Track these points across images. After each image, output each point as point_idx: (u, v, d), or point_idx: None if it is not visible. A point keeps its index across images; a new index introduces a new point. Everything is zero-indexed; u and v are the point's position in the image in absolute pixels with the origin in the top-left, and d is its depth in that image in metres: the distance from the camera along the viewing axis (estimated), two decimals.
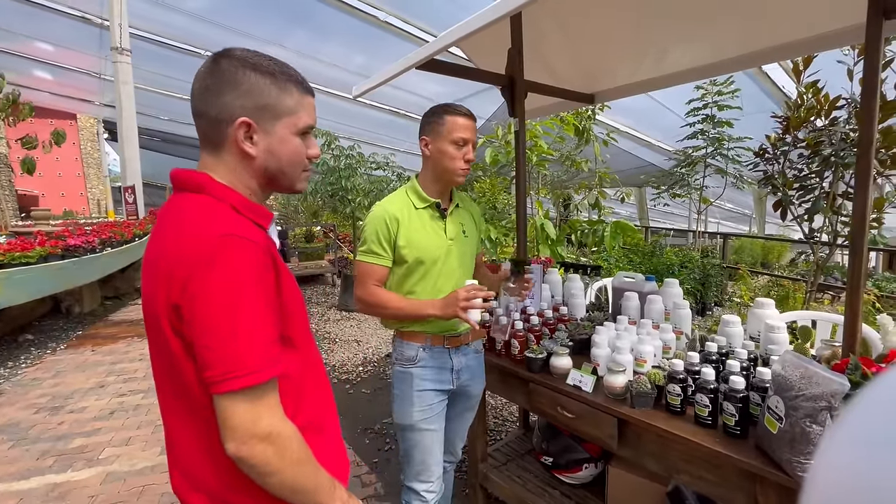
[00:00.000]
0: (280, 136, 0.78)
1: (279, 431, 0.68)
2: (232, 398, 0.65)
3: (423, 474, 1.51)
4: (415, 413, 1.47)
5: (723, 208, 9.84)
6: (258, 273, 0.69)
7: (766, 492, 1.08)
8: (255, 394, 0.67)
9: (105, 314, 5.73)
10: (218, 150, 0.77)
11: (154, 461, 2.54)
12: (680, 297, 1.76)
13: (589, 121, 5.00)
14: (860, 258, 1.23)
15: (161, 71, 8.67)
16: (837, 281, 5.62)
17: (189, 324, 0.66)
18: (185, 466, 0.77)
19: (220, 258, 0.66)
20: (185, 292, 0.65)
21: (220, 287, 0.65)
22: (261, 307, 0.68)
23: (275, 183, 0.82)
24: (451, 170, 1.44)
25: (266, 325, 0.69)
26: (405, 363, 1.49)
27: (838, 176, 3.03)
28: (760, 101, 5.35)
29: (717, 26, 1.88)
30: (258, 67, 0.75)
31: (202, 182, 0.75)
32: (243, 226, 0.71)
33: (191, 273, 0.65)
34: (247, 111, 0.74)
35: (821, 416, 0.95)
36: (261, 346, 0.67)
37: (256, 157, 0.77)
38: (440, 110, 1.45)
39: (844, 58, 3.02)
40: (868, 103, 1.18)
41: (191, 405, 0.72)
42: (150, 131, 12.51)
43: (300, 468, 0.70)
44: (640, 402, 1.33)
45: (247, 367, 0.65)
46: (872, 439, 0.25)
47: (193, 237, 0.68)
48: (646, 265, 4.88)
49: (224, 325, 0.65)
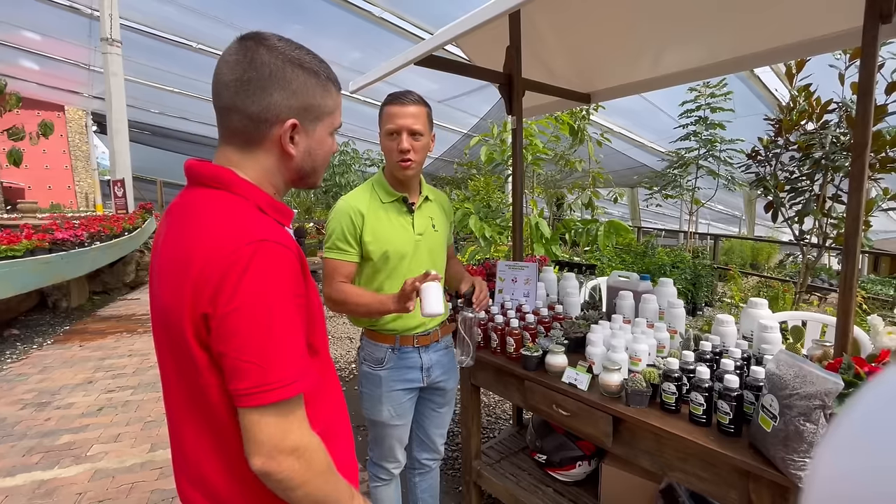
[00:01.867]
0: (319, 137, 0.76)
1: (306, 445, 0.66)
2: (262, 412, 0.62)
3: (390, 456, 1.57)
4: (384, 411, 1.47)
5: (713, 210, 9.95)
6: (292, 280, 0.66)
7: (759, 490, 1.09)
8: (286, 407, 0.64)
9: (93, 309, 5.64)
10: (252, 147, 0.72)
11: (143, 458, 2.51)
12: (674, 297, 1.77)
13: (584, 121, 5.02)
14: (853, 260, 1.25)
15: (152, 63, 8.55)
16: (825, 282, 5.71)
17: (219, 334, 0.62)
18: (196, 476, 0.73)
19: (255, 265, 0.62)
20: (217, 301, 0.61)
21: (255, 296, 0.62)
22: (293, 317, 0.65)
23: (303, 181, 0.80)
24: (390, 163, 1.40)
25: (298, 335, 0.66)
26: (373, 364, 1.47)
27: (828, 179, 3.08)
28: (752, 104, 5.42)
29: (713, 29, 1.90)
30: (304, 64, 0.71)
31: (227, 179, 0.70)
32: (275, 230, 0.68)
33: (222, 280, 0.61)
34: (294, 112, 0.71)
35: (815, 415, 0.96)
36: (293, 357, 0.65)
37: (295, 158, 0.74)
38: (384, 100, 1.38)
39: (836, 62, 3.06)
40: (864, 106, 1.19)
41: (208, 416, 0.69)
42: (140, 124, 12.34)
43: (324, 479, 0.68)
44: (635, 400, 1.33)
45: (279, 380, 0.62)
46: (872, 439, 0.25)
47: (224, 241, 0.63)
48: (638, 265, 4.92)
49: (257, 337, 0.61)
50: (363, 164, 5.83)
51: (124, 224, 6.24)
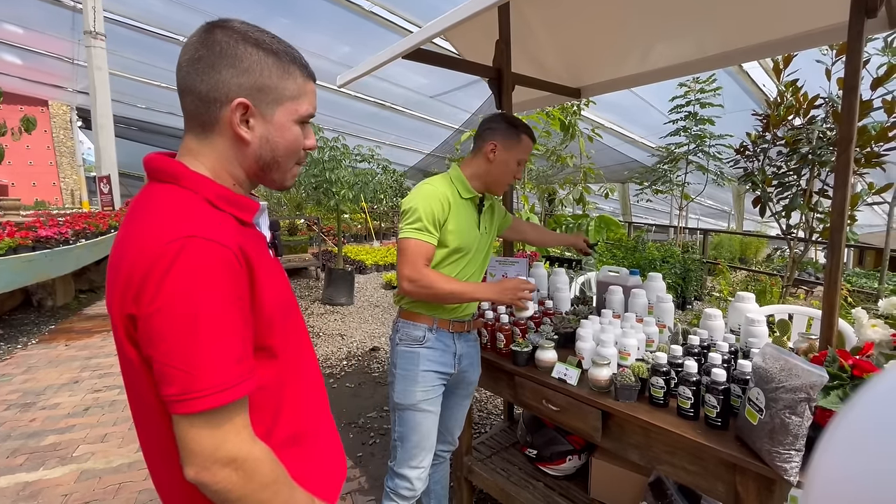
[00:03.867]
0: (279, 123, 0.71)
1: (245, 455, 0.62)
2: (191, 420, 0.58)
3: (415, 459, 1.50)
4: (418, 392, 1.48)
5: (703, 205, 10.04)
6: (224, 280, 0.61)
7: (745, 481, 1.10)
8: (219, 416, 0.60)
9: (79, 308, 5.55)
10: (207, 132, 0.69)
11: (131, 458, 2.48)
12: (663, 291, 1.78)
13: (574, 116, 5.02)
14: (838, 253, 1.26)
15: (138, 57, 8.40)
16: (811, 276, 5.79)
17: (144, 336, 0.59)
18: (151, 472, 0.73)
19: (180, 263, 0.58)
20: (140, 302, 0.58)
21: (179, 296, 0.57)
22: (226, 320, 0.61)
23: (266, 174, 0.74)
24: (503, 183, 1.53)
25: (233, 338, 0.61)
26: (411, 343, 1.50)
27: (815, 174, 3.10)
28: (741, 99, 5.46)
29: (701, 24, 1.90)
30: (260, 44, 0.68)
31: (176, 171, 0.66)
32: (212, 225, 0.62)
33: (145, 280, 0.58)
34: (245, 91, 0.67)
35: (800, 408, 0.97)
36: (225, 363, 0.60)
37: (251, 143, 0.70)
38: (521, 127, 1.51)
39: (823, 57, 3.09)
40: (849, 101, 1.20)
41: (149, 415, 0.66)
42: (127, 119, 12.13)
43: (271, 492, 0.64)
44: (624, 394, 1.34)
45: (208, 387, 0.58)
46: (872, 441, 0.25)
47: (151, 238, 0.60)
48: (629, 260, 4.94)
49: (182, 340, 0.57)
50: (353, 159, 5.78)
51: (110, 221, 6.14)
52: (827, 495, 0.27)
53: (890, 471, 0.23)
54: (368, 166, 5.90)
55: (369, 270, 8.10)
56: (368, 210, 11.44)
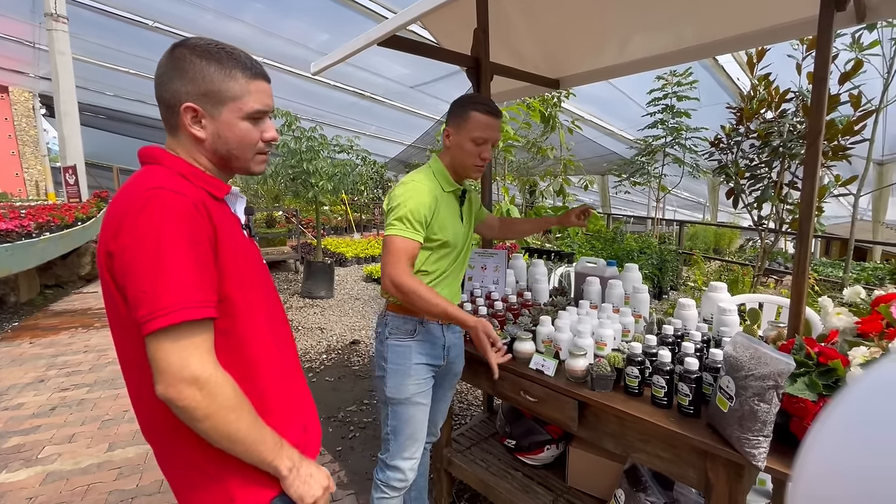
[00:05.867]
0: (226, 121, 0.81)
1: (208, 377, 0.69)
2: (157, 338, 0.67)
3: (408, 450, 1.50)
4: (411, 386, 1.46)
5: (679, 197, 10.24)
6: (185, 222, 0.71)
7: (715, 467, 1.13)
8: (181, 333, 0.68)
9: (45, 304, 5.34)
10: (174, 132, 0.83)
11: (100, 458, 2.40)
12: (639, 282, 1.80)
13: (555, 108, 5.03)
14: (806, 243, 1.29)
15: (105, 42, 8.02)
16: (781, 266, 5.98)
17: (119, 268, 0.69)
18: (136, 411, 0.81)
19: (149, 207, 0.69)
20: (116, 239, 0.69)
21: (144, 231, 0.68)
22: (186, 254, 0.69)
23: (228, 165, 0.86)
24: (466, 166, 1.45)
25: (192, 270, 0.70)
26: (402, 336, 1.47)
27: (785, 166, 3.18)
28: (716, 92, 5.55)
29: (678, 16, 1.91)
30: (206, 55, 0.79)
31: (157, 154, 0.81)
32: (179, 182, 0.75)
33: (121, 222, 0.69)
34: (192, 97, 0.79)
35: (768, 395, 0.99)
36: (185, 286, 0.68)
37: (205, 140, 0.82)
38: (468, 103, 1.42)
39: (794, 52, 3.16)
40: (818, 93, 1.22)
41: (128, 345, 0.77)
42: (94, 107, 11.61)
43: (234, 415, 0.71)
44: (600, 384, 1.35)
45: (170, 304, 0.66)
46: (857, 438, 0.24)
47: (128, 192, 0.73)
48: (607, 251, 5.01)
49: (148, 267, 0.67)
50: (332, 150, 5.67)
51: (77, 213, 5.90)
52: (813, 489, 0.26)
53: (873, 466, 0.23)
54: (347, 157, 5.80)
55: (349, 263, 8.01)
56: (349, 202, 11.30)
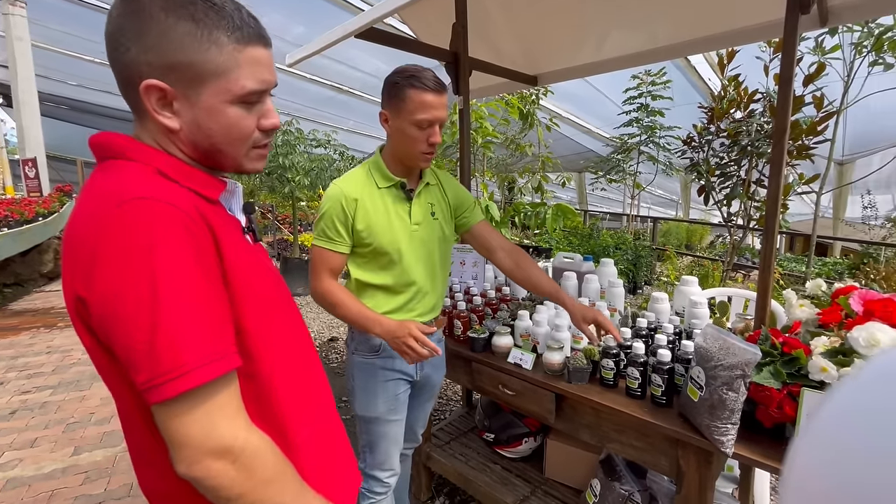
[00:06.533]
0: (207, 106, 0.59)
1: (242, 444, 0.53)
2: (169, 408, 0.51)
3: (386, 463, 1.43)
4: (380, 405, 1.36)
5: (653, 194, 10.49)
6: (183, 243, 0.52)
7: (686, 455, 1.17)
8: (199, 397, 0.51)
9: (3, 303, 5.08)
10: (138, 115, 0.60)
11: (65, 463, 2.31)
12: (615, 277, 1.83)
13: (533, 105, 5.07)
14: (772, 238, 1.34)
15: (67, 29, 7.64)
16: (749, 261, 6.21)
17: (99, 322, 0.51)
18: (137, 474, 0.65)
19: (129, 231, 0.50)
20: (91, 284, 0.50)
21: (131, 268, 0.49)
22: (192, 287, 0.52)
23: (214, 161, 0.64)
24: (413, 155, 1.26)
25: (202, 307, 0.53)
26: (367, 353, 1.35)
27: (753, 164, 3.30)
28: (689, 93, 5.69)
29: (652, 15, 1.94)
30: (175, 6, 0.55)
31: (122, 145, 0.58)
32: (164, 188, 0.55)
33: (93, 254, 0.50)
34: (156, 71, 0.55)
35: (736, 384, 1.03)
36: (197, 335, 0.51)
37: (181, 130, 0.59)
38: (404, 82, 1.20)
39: (762, 54, 3.27)
40: (784, 92, 1.27)
41: (125, 408, 0.60)
42: (56, 97, 11.07)
43: (275, 486, 0.56)
44: (577, 377, 1.37)
45: (181, 365, 0.50)
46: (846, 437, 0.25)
47: (96, 207, 0.52)
48: (584, 247, 5.09)
49: (142, 317, 0.49)
50: (309, 144, 5.57)
51: (37, 208, 5.63)
52: (803, 489, 0.26)
53: (864, 457, 0.23)
54: (325, 152, 5.71)
55: None
56: None
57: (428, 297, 1.38)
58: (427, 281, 1.37)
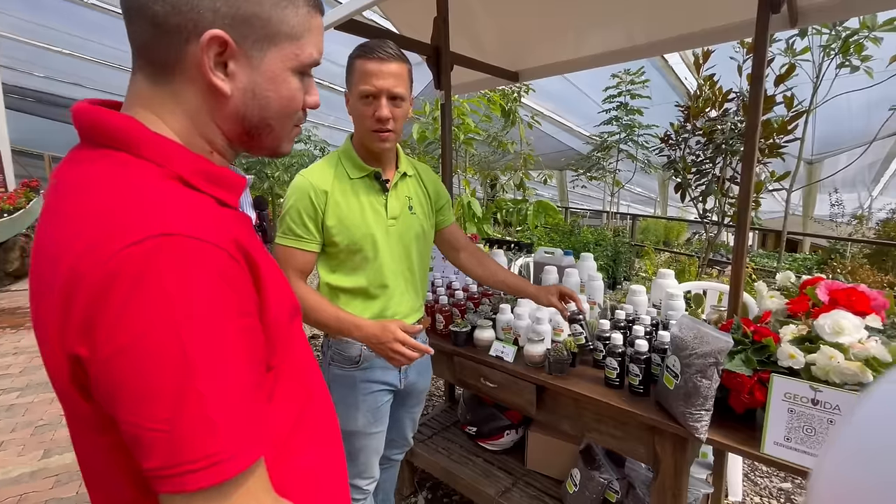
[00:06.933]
0: (271, 71, 0.51)
1: None
2: (190, 501, 0.40)
3: (366, 472, 1.35)
4: (360, 418, 1.27)
5: (632, 192, 10.68)
6: (221, 294, 0.42)
7: (662, 441, 1.20)
8: (231, 488, 0.41)
9: None
10: (167, 75, 0.48)
11: (34, 466, 2.23)
12: (594, 270, 1.86)
13: (515, 103, 5.10)
14: (744, 231, 1.39)
15: (33, 18, 7.34)
16: (723, 257, 6.39)
17: (104, 388, 0.40)
18: None
19: (153, 275, 0.39)
20: (94, 337, 0.38)
21: (156, 325, 0.39)
22: (230, 352, 0.42)
23: (254, 139, 0.55)
24: (364, 135, 1.16)
25: (241, 378, 0.43)
26: (345, 365, 1.25)
27: (727, 162, 3.40)
28: (666, 92, 5.81)
29: (630, 13, 1.98)
30: None
31: (131, 134, 0.46)
32: (195, 215, 0.44)
33: (99, 303, 0.38)
34: (224, 20, 0.46)
35: (709, 371, 1.06)
36: (234, 416, 0.41)
37: (231, 97, 0.50)
38: (353, 54, 1.12)
39: (736, 55, 3.36)
40: (756, 89, 1.31)
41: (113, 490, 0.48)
42: (22, 89, 10.61)
43: None
44: (557, 368, 1.39)
45: (213, 453, 0.40)
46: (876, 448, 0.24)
47: (103, 238, 0.39)
48: (565, 243, 5.16)
49: (166, 392, 0.39)
50: None
51: (2, 204, 5.41)
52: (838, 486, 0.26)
53: None
54: (305, 147, 5.64)
55: None
56: None
57: (407, 298, 1.29)
58: (404, 281, 1.28)
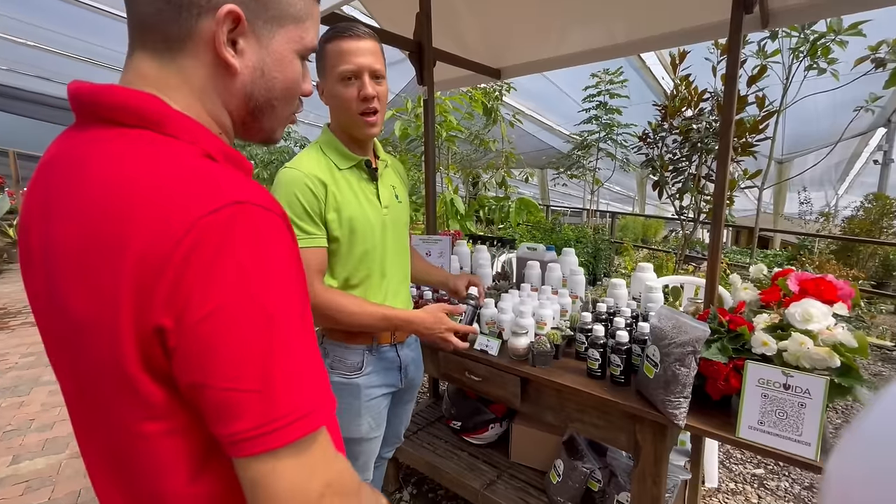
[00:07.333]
0: (279, 52, 0.51)
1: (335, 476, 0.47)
2: (277, 457, 0.41)
3: (363, 473, 1.33)
4: (363, 425, 1.23)
5: (612, 190, 10.88)
6: (290, 260, 0.45)
7: (643, 430, 1.23)
8: (309, 443, 0.43)
9: None
10: (174, 51, 0.47)
11: (4, 473, 2.14)
12: (576, 265, 1.89)
13: (496, 101, 5.13)
14: (719, 226, 1.43)
15: None
16: (699, 254, 6.57)
17: (190, 355, 0.40)
18: None
19: (236, 239, 0.40)
20: (180, 303, 0.39)
21: (244, 286, 0.40)
22: (301, 311, 0.45)
23: (255, 120, 0.54)
24: (350, 120, 1.10)
25: (311, 335, 0.47)
26: (348, 372, 1.20)
27: (703, 160, 3.49)
28: (644, 92, 5.93)
29: (610, 12, 2.02)
30: None
31: (155, 111, 0.44)
32: (252, 187, 0.44)
33: (184, 270, 0.39)
34: None
35: (687, 360, 1.09)
36: (313, 369, 0.45)
37: (239, 75, 0.49)
38: (322, 42, 1.07)
39: (710, 56, 3.45)
40: (730, 88, 1.35)
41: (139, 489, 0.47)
42: None
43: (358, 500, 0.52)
44: (541, 360, 1.42)
45: (298, 408, 0.42)
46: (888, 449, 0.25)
47: (177, 209, 0.39)
48: (546, 240, 5.22)
49: (256, 349, 0.40)
50: None
51: None
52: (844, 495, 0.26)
53: None
54: (285, 144, 5.55)
55: None
56: None
57: (402, 290, 1.27)
58: (401, 272, 1.26)
